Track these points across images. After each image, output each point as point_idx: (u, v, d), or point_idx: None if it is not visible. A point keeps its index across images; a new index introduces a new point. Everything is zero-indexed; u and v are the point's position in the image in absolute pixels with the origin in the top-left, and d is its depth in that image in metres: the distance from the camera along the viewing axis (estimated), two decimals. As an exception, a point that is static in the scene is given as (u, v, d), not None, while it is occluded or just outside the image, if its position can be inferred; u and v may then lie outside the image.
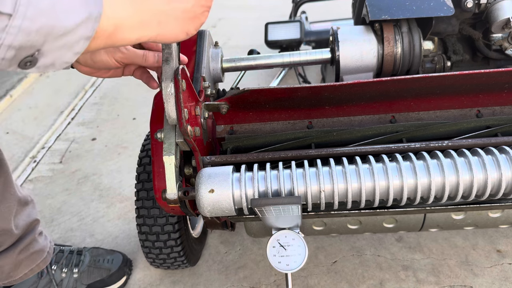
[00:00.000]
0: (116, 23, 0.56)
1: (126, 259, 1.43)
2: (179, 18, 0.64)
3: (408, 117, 1.01)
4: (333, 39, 1.24)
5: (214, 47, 1.26)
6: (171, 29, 0.64)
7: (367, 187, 0.79)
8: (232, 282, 1.38)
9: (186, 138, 0.80)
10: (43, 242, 1.28)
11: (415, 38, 1.18)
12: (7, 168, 1.13)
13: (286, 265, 0.86)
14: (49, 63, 0.53)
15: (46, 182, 1.91)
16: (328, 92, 0.93)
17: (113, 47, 0.59)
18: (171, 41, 0.66)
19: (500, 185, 0.78)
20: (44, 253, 1.28)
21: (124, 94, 2.54)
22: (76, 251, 1.39)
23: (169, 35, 0.64)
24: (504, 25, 1.20)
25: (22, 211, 1.20)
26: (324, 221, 1.13)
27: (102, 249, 1.43)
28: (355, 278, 1.34)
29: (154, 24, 0.61)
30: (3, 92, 2.59)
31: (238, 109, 1.01)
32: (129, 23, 0.58)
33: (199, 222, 1.48)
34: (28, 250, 1.22)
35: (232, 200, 0.80)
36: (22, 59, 0.50)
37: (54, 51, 0.52)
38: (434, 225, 1.13)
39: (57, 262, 1.33)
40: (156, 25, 0.62)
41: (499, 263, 1.34)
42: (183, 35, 0.66)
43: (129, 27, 0.59)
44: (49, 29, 0.49)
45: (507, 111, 1.00)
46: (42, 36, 0.49)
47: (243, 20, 3.33)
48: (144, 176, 1.19)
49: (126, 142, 2.13)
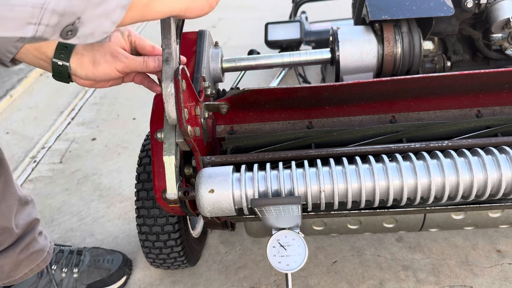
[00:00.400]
0: None
1: (126, 259, 1.43)
2: None
3: (408, 117, 1.01)
4: (333, 39, 1.24)
5: (214, 47, 1.26)
6: (199, 2, 0.68)
7: (367, 187, 0.79)
8: (232, 282, 1.38)
9: (186, 138, 0.80)
10: (43, 242, 1.28)
11: (415, 38, 1.18)
12: (8, 167, 1.13)
13: (286, 265, 0.86)
14: (89, 32, 0.55)
15: (46, 182, 1.91)
16: (328, 92, 0.93)
17: (146, 20, 0.62)
18: (198, 15, 0.70)
19: (500, 185, 0.78)
20: (44, 253, 1.28)
21: (124, 94, 2.54)
22: (76, 251, 1.39)
23: (197, 8, 0.68)
24: (504, 25, 1.20)
25: (22, 210, 1.20)
26: (324, 221, 1.13)
27: (102, 249, 1.43)
28: (355, 278, 1.34)
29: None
30: (3, 92, 2.59)
31: (238, 109, 1.01)
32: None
33: (199, 222, 1.48)
34: (28, 250, 1.22)
35: (232, 200, 0.80)
36: (64, 27, 0.52)
37: (93, 20, 0.53)
38: (434, 225, 1.13)
39: (57, 262, 1.33)
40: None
41: (499, 263, 1.34)
42: (208, 8, 0.70)
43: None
44: None
45: (507, 111, 1.00)
46: (83, 1, 0.50)
47: (243, 20, 3.33)
48: (144, 176, 1.19)
49: (126, 142, 2.13)
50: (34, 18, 0.48)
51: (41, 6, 0.47)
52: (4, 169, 1.11)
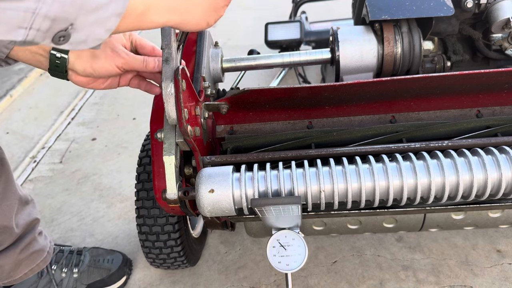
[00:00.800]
0: (147, 3, 0.59)
1: (126, 259, 1.43)
2: (204, 8, 0.67)
3: (408, 117, 1.01)
4: (333, 39, 1.24)
5: (214, 47, 1.26)
6: (196, 17, 0.67)
7: (367, 187, 0.79)
8: (232, 282, 1.38)
9: (186, 138, 0.80)
10: (43, 241, 1.28)
11: (415, 38, 1.18)
12: (8, 166, 1.13)
13: (286, 265, 0.86)
14: (82, 39, 0.55)
15: (46, 182, 1.91)
16: (328, 92, 0.93)
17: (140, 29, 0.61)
18: (193, 29, 0.69)
19: (500, 185, 0.78)
20: (44, 253, 1.28)
21: (124, 94, 2.55)
22: (76, 251, 1.39)
23: (193, 22, 0.68)
24: (504, 25, 1.20)
25: (23, 210, 1.20)
26: (324, 221, 1.13)
27: (102, 249, 1.43)
28: (355, 278, 1.34)
29: (182, 10, 0.64)
30: (3, 92, 2.59)
31: (238, 109, 1.01)
32: (159, 6, 0.61)
33: (199, 222, 1.48)
34: (28, 250, 1.22)
35: (232, 200, 0.80)
36: (56, 33, 0.51)
37: (87, 26, 0.53)
38: (434, 225, 1.13)
39: (57, 262, 1.33)
40: (183, 11, 0.65)
41: (499, 263, 1.34)
42: (204, 24, 0.69)
43: (159, 10, 0.61)
44: (82, 1, 0.50)
45: (507, 111, 1.00)
46: (76, 8, 0.50)
47: (243, 20, 3.33)
48: (144, 176, 1.19)
49: (126, 142, 2.13)
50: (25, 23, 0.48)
51: (33, 11, 0.47)
52: (5, 168, 1.11)
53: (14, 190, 1.15)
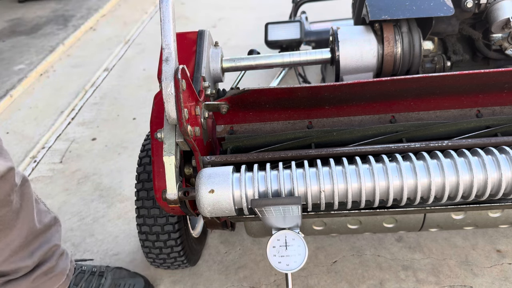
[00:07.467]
0: None
1: (148, 284, 1.37)
2: None
3: (408, 117, 1.01)
4: (333, 39, 1.24)
5: (214, 47, 1.26)
6: None
7: (367, 187, 0.79)
8: (232, 282, 1.38)
9: (186, 138, 0.80)
10: (63, 264, 1.22)
11: (415, 38, 1.18)
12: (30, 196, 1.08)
13: (286, 265, 0.86)
14: None
15: (46, 182, 1.91)
16: (328, 92, 0.93)
17: None
18: None
19: (500, 185, 0.78)
20: (63, 277, 1.22)
21: (124, 94, 2.55)
22: (98, 272, 1.33)
23: None
24: (504, 25, 1.20)
25: (41, 237, 1.15)
26: (324, 221, 1.13)
27: (125, 271, 1.37)
28: (355, 278, 1.34)
29: None
30: (3, 92, 2.59)
31: (238, 109, 1.01)
32: None
33: (199, 222, 1.48)
34: (46, 275, 1.16)
35: (232, 200, 0.80)
36: None
37: None
38: (434, 225, 1.13)
39: (76, 284, 1.27)
40: None
41: (499, 263, 1.34)
42: None
43: None
44: None
45: (507, 111, 1.00)
46: None
47: (243, 20, 3.33)
48: (144, 176, 1.19)
49: (126, 142, 2.13)
50: None
51: None
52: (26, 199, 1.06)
53: (32, 224, 1.10)
